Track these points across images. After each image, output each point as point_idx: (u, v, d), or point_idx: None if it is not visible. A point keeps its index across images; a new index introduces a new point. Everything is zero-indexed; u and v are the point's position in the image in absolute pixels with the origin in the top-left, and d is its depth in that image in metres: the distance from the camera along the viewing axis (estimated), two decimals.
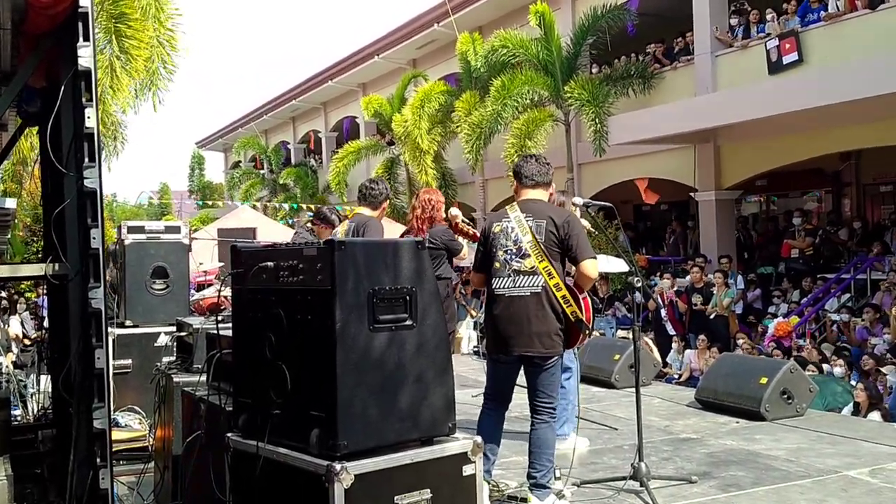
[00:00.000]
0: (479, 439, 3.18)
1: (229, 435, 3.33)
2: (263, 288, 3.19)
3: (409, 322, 3.06)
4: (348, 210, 6.61)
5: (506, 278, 4.66)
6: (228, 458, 3.31)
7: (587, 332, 4.69)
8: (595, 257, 4.68)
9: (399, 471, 2.95)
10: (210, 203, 36.12)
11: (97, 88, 3.89)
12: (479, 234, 5.29)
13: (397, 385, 3.01)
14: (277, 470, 3.05)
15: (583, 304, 4.62)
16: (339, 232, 6.37)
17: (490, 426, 4.79)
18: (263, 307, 3.17)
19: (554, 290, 4.56)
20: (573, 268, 4.69)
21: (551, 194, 4.96)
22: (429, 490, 3.00)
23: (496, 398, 4.86)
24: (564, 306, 4.57)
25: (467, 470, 3.13)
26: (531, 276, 4.59)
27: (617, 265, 7.64)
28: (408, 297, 3.07)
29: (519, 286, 4.61)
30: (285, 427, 3.05)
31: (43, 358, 9.02)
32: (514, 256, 4.64)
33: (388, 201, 6.46)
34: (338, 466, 2.79)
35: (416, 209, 6.83)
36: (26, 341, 13.39)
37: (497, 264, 4.70)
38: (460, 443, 3.15)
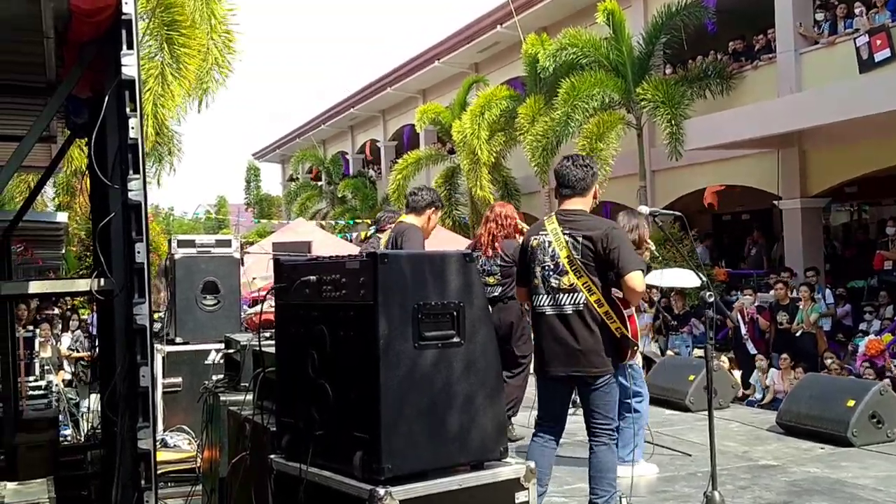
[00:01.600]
0: (532, 464, 3.16)
1: (272, 457, 3.37)
2: (306, 303, 3.22)
3: (456, 339, 3.06)
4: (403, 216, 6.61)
5: (545, 296, 4.67)
6: (271, 480, 3.35)
7: (635, 348, 4.66)
8: (642, 269, 4.64)
9: (446, 497, 2.94)
10: (267, 216, 36.73)
11: (142, 98, 3.99)
12: None
13: (444, 406, 3.01)
14: (320, 493, 3.07)
15: (627, 321, 4.59)
16: (382, 241, 6.44)
17: (539, 455, 4.76)
18: (306, 323, 3.21)
19: (596, 306, 4.55)
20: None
21: (594, 195, 4.86)
22: None
23: (547, 421, 4.84)
24: (608, 322, 4.54)
25: (520, 497, 3.11)
26: (571, 294, 4.58)
27: (688, 279, 7.54)
28: (455, 313, 3.07)
29: (560, 304, 4.61)
30: (329, 448, 3.08)
31: (95, 376, 9.27)
32: (552, 273, 4.65)
33: (434, 208, 6.40)
34: (381, 491, 2.80)
35: (488, 222, 6.84)
36: (78, 357, 13.77)
37: (536, 281, 4.72)
38: (513, 468, 3.13)
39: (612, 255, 4.52)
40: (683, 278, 7.21)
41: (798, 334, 12.48)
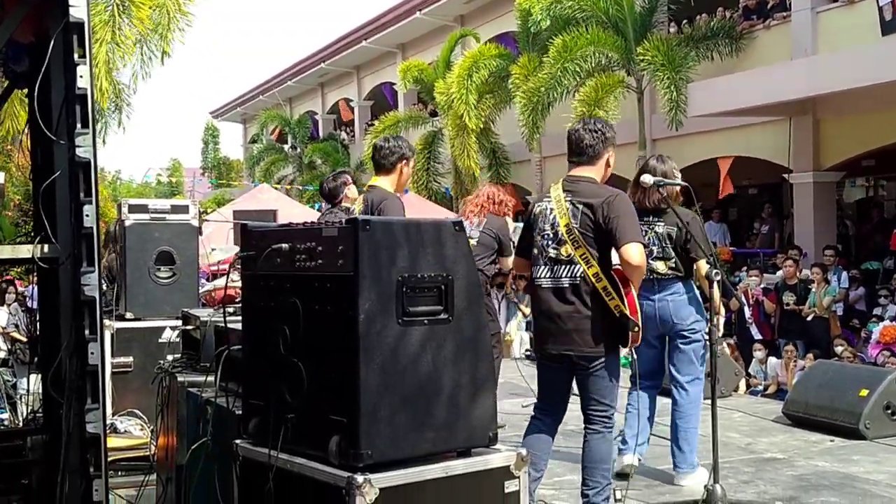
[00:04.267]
0: (524, 451, 3.19)
1: (238, 442, 3.38)
2: (277, 274, 3.22)
3: (444, 315, 3.08)
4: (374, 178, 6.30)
5: (543, 267, 4.73)
6: (237, 467, 3.36)
7: (636, 329, 4.68)
8: (642, 242, 4.65)
9: (430, 485, 2.97)
10: (225, 182, 36.53)
11: (91, 44, 3.95)
12: None
13: (430, 387, 3.02)
14: (292, 481, 3.08)
15: (626, 298, 4.60)
16: (356, 208, 6.29)
17: (536, 440, 4.82)
18: (277, 296, 3.20)
19: (593, 279, 4.56)
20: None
21: (607, 163, 4.85)
22: None
23: (546, 404, 4.91)
24: (606, 299, 4.56)
25: (510, 486, 3.14)
26: (568, 266, 4.63)
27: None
28: (443, 287, 3.08)
29: (556, 276, 4.67)
30: (301, 433, 3.09)
31: (34, 355, 9.21)
32: (550, 242, 4.70)
33: (405, 161, 6.01)
34: (360, 479, 2.81)
35: (478, 197, 6.82)
36: (16, 336, 13.67)
37: (535, 251, 4.79)
38: (502, 455, 3.16)
39: (611, 224, 4.54)
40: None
41: (809, 318, 12.60)
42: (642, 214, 5.69)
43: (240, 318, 3.64)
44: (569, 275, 4.62)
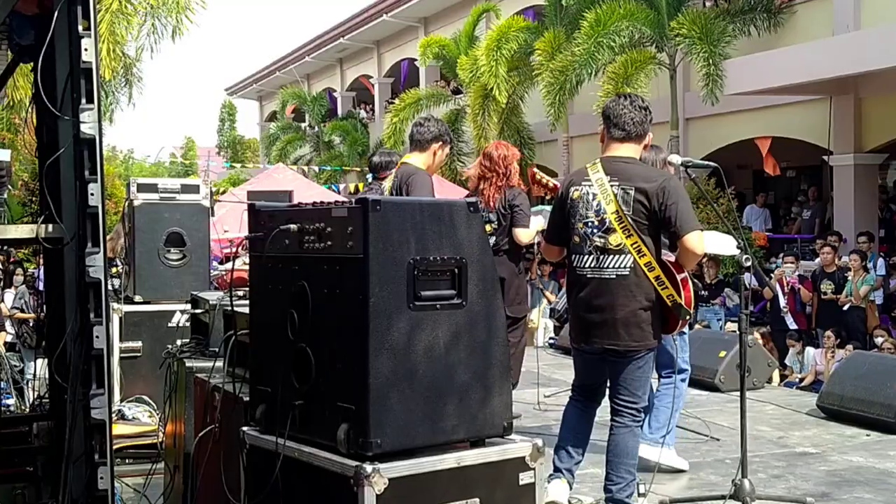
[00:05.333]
0: (539, 442, 3.20)
1: (245, 429, 3.42)
2: (285, 256, 3.24)
3: (457, 300, 3.10)
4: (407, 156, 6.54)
5: (587, 256, 4.64)
6: (243, 455, 3.39)
7: (687, 318, 4.68)
8: (701, 229, 4.63)
9: (442, 476, 2.99)
10: (240, 163, 36.62)
11: (97, 16, 3.97)
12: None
13: (442, 374, 3.05)
14: (299, 470, 3.12)
15: (681, 286, 4.59)
16: (386, 188, 6.41)
17: (576, 418, 4.87)
18: (285, 278, 3.23)
19: (645, 269, 4.52)
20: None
21: (645, 146, 4.86)
22: (477, 500, 3.05)
23: (584, 388, 4.92)
24: (659, 289, 4.54)
25: (524, 478, 3.16)
26: (618, 256, 4.55)
27: (730, 244, 7.53)
28: (457, 270, 3.10)
29: (604, 266, 4.59)
30: (309, 420, 3.12)
31: (41, 339, 9.31)
32: (596, 231, 4.61)
33: (441, 143, 6.24)
34: (369, 468, 2.84)
35: (484, 165, 6.79)
36: (21, 316, 13.79)
37: (577, 238, 4.69)
38: (518, 445, 3.19)
39: (668, 211, 4.47)
40: (723, 244, 7.18)
41: (846, 308, 12.52)
42: None
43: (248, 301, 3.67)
44: (618, 265, 4.55)
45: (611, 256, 4.57)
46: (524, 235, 6.53)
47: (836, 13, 15.20)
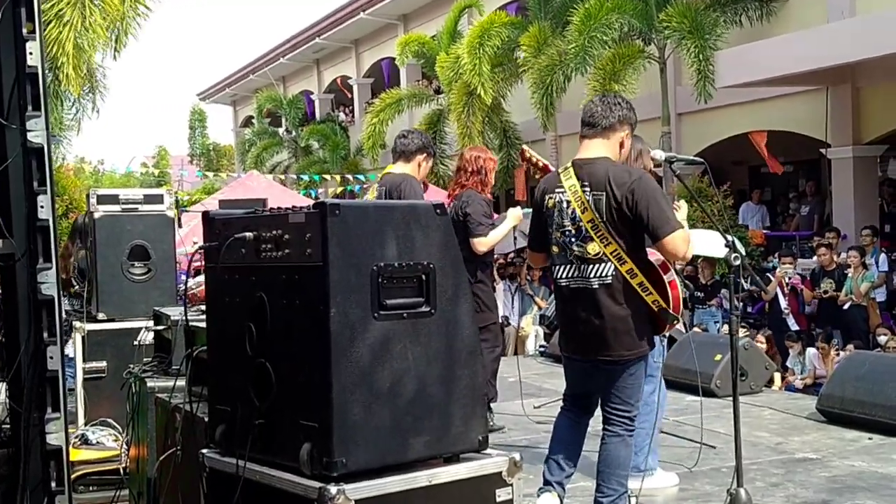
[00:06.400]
0: (517, 456, 3.17)
1: (204, 451, 3.37)
2: (241, 265, 3.19)
3: (425, 308, 3.06)
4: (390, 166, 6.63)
5: (567, 266, 4.63)
6: (203, 480, 3.34)
7: (675, 322, 4.66)
8: (683, 226, 4.59)
9: (413, 495, 2.95)
10: (214, 171, 36.54)
11: (41, 17, 3.93)
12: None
13: (411, 388, 3.00)
14: (261, 493, 3.06)
15: (668, 288, 4.56)
16: (368, 197, 6.45)
17: (567, 429, 4.84)
18: (242, 290, 3.18)
19: (628, 276, 4.50)
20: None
21: (621, 143, 4.77)
22: None
23: (576, 404, 4.89)
24: (644, 295, 4.51)
25: (501, 495, 3.12)
26: (599, 264, 4.53)
27: (719, 243, 7.50)
28: (424, 276, 3.06)
29: (586, 276, 4.56)
30: (271, 440, 3.07)
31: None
32: (573, 240, 4.58)
33: (426, 154, 6.47)
34: (333, 490, 2.79)
35: (460, 170, 6.83)
36: None
37: (556, 248, 4.68)
38: (493, 461, 3.15)
39: (641, 214, 4.43)
40: (713, 243, 7.15)
41: (846, 307, 12.52)
42: None
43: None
44: (600, 274, 4.51)
45: (592, 265, 4.54)
46: (481, 245, 6.53)
47: (831, 0, 15.22)
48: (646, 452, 5.53)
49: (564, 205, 4.60)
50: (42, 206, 4.07)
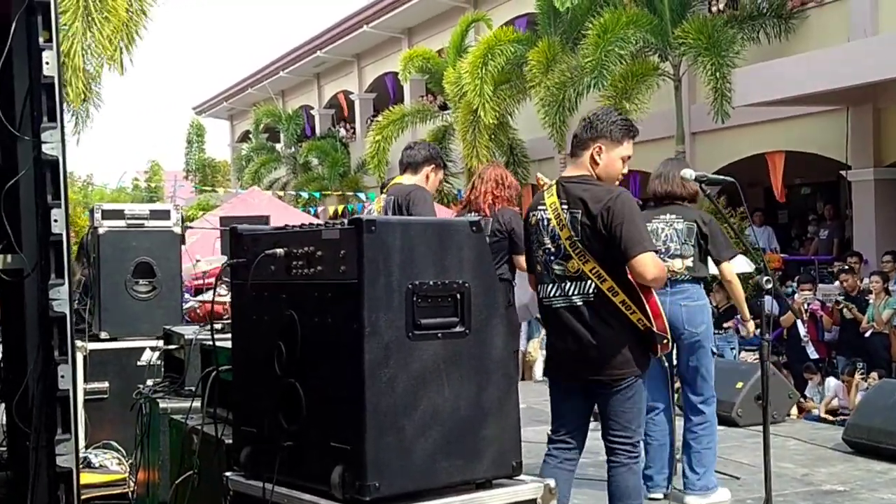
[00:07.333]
0: (552, 483, 3.17)
1: (228, 474, 3.37)
2: (271, 283, 3.21)
3: (460, 328, 3.07)
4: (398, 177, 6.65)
5: (551, 285, 4.66)
6: (227, 503, 3.34)
7: (665, 341, 4.64)
8: (654, 250, 4.61)
9: None
10: (210, 187, 36.56)
11: (59, 26, 3.95)
12: None
13: (445, 410, 3.01)
14: None
15: (648, 308, 4.55)
16: (375, 210, 6.44)
17: (552, 475, 4.73)
18: (271, 308, 3.20)
19: (609, 294, 4.52)
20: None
21: (593, 159, 4.71)
22: None
23: (563, 435, 4.85)
24: (627, 314, 4.53)
25: None
26: (579, 282, 4.57)
27: (740, 264, 7.53)
28: (459, 296, 3.07)
29: (568, 294, 4.60)
30: (300, 463, 3.08)
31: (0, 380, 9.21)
32: (554, 258, 4.64)
33: (434, 165, 6.41)
34: None
35: (486, 182, 6.75)
36: None
37: (539, 267, 4.74)
38: (529, 486, 3.16)
39: (614, 232, 4.46)
40: (741, 265, 7.21)
41: (867, 335, 12.50)
42: (662, 211, 5.77)
43: (229, 335, 3.64)
44: (581, 292, 4.55)
45: (572, 283, 4.58)
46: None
47: (852, 17, 15.28)
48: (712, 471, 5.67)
49: (545, 222, 4.67)
50: (56, 220, 4.06)
